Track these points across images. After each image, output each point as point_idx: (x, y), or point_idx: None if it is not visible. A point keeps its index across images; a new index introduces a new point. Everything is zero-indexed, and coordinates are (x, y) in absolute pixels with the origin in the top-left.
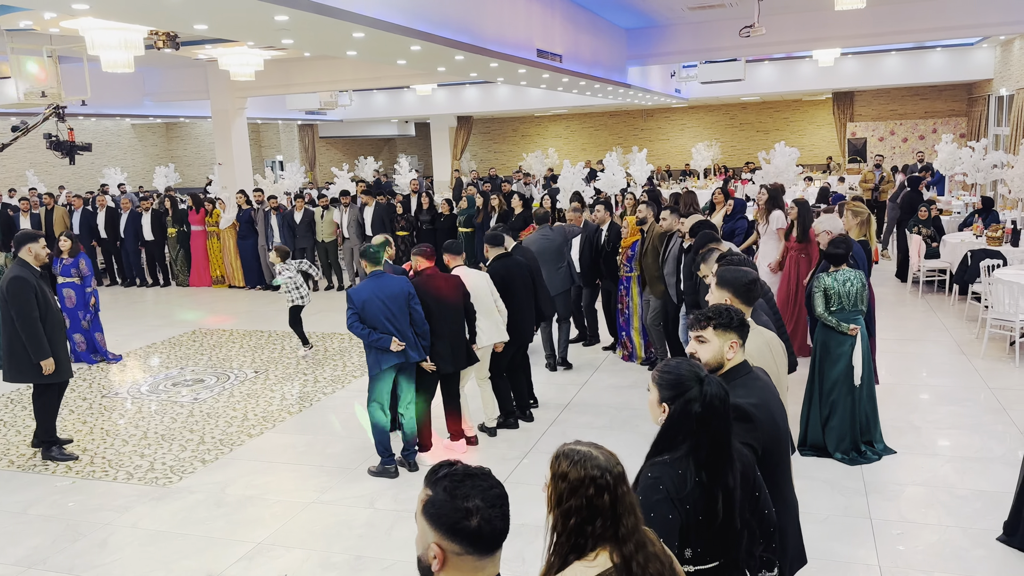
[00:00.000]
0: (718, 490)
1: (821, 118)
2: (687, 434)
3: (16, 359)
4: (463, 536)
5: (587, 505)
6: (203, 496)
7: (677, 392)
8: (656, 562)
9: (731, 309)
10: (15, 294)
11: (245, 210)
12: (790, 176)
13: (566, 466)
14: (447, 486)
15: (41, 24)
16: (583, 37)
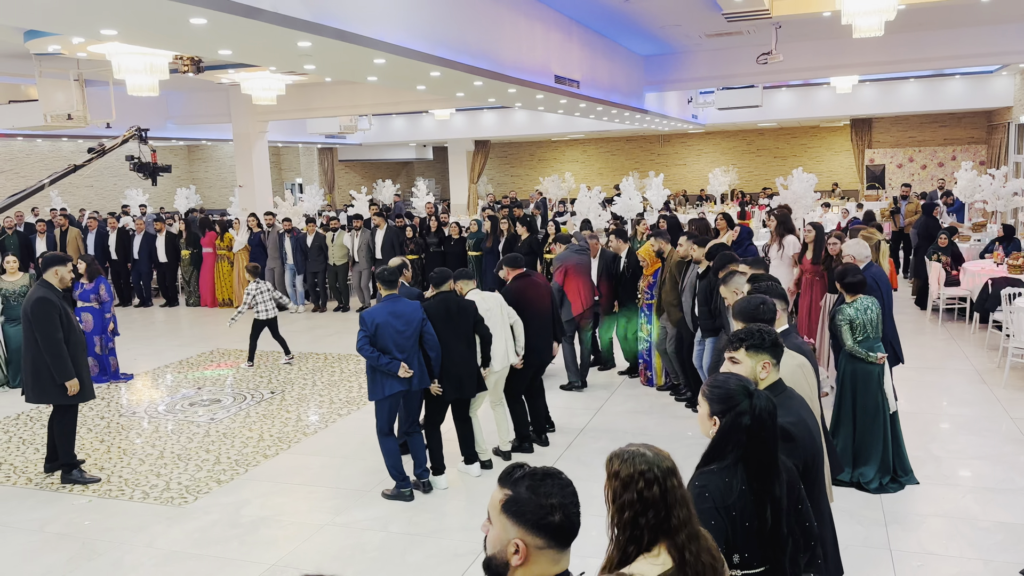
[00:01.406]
0: (767, 498)
1: (839, 144)
2: (737, 445)
3: (40, 380)
4: (547, 531)
5: (639, 499)
6: (218, 516)
7: (728, 406)
8: (707, 554)
9: (763, 329)
10: (39, 315)
11: (256, 233)
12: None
13: (618, 464)
14: (529, 485)
15: (69, 48)
16: (600, 63)
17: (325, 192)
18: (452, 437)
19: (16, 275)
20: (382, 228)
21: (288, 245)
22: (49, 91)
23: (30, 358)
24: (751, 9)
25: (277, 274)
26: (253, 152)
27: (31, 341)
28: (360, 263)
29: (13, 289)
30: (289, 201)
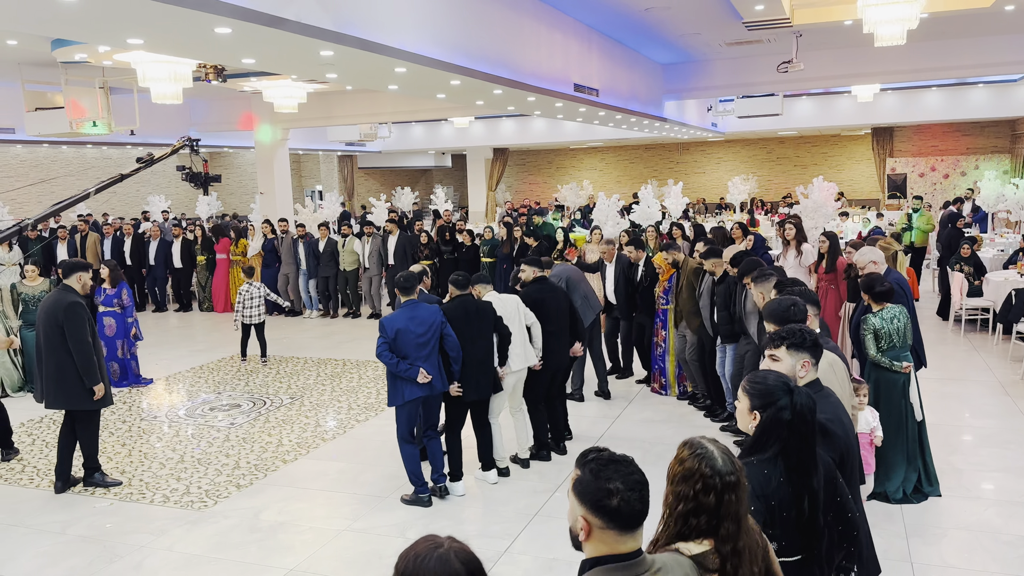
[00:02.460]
0: (804, 490)
1: (860, 153)
2: (777, 439)
3: (65, 385)
4: (604, 512)
5: (693, 496)
6: (237, 521)
7: (768, 401)
8: (745, 568)
9: (804, 329)
10: (74, 319)
11: (270, 239)
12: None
13: (686, 453)
14: (593, 468)
15: (95, 57)
16: (620, 71)
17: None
18: (469, 444)
19: (37, 280)
20: (394, 234)
21: (302, 251)
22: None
23: (54, 363)
24: (772, 17)
25: (292, 279)
26: (274, 159)
27: (55, 345)
28: (371, 269)
29: (34, 294)
30: (309, 208)
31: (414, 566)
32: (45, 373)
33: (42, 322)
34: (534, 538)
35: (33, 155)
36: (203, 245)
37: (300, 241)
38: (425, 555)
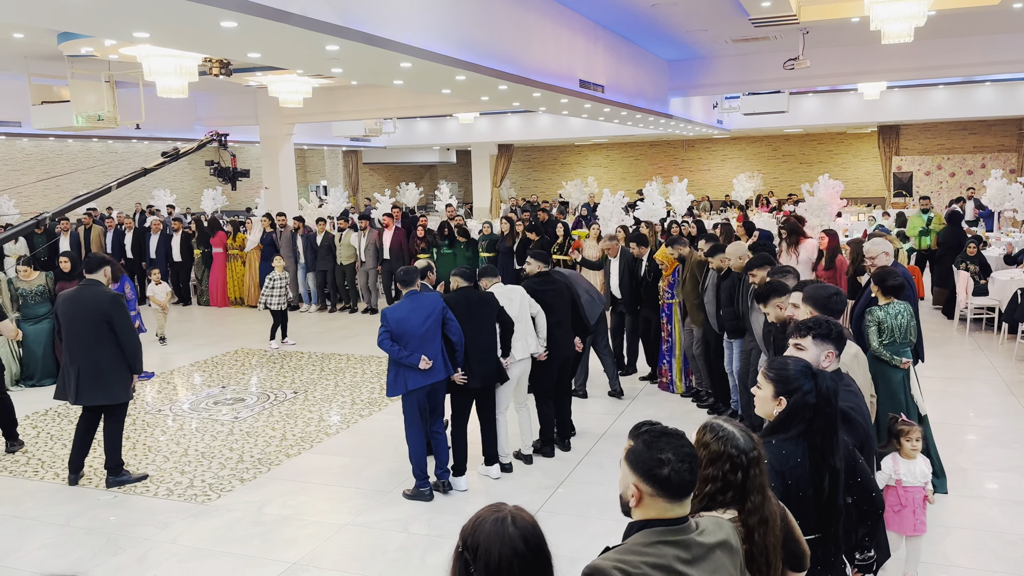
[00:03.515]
0: (825, 468)
1: (866, 151)
2: (802, 420)
3: (103, 379)
4: (656, 481)
5: (722, 477)
6: (240, 514)
7: (793, 386)
8: (772, 536)
9: (831, 321)
10: (123, 311)
11: (268, 233)
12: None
13: (709, 438)
14: (646, 439)
15: (101, 51)
16: (625, 68)
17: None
18: (473, 439)
19: (32, 275)
20: (390, 228)
21: (300, 244)
22: (81, 92)
23: (93, 357)
24: (778, 14)
25: (290, 274)
26: (279, 154)
27: (99, 340)
28: (367, 263)
29: (30, 289)
30: (314, 203)
31: (473, 528)
32: (80, 368)
33: (78, 317)
34: None
35: (39, 149)
36: (199, 239)
37: (298, 235)
38: (484, 518)
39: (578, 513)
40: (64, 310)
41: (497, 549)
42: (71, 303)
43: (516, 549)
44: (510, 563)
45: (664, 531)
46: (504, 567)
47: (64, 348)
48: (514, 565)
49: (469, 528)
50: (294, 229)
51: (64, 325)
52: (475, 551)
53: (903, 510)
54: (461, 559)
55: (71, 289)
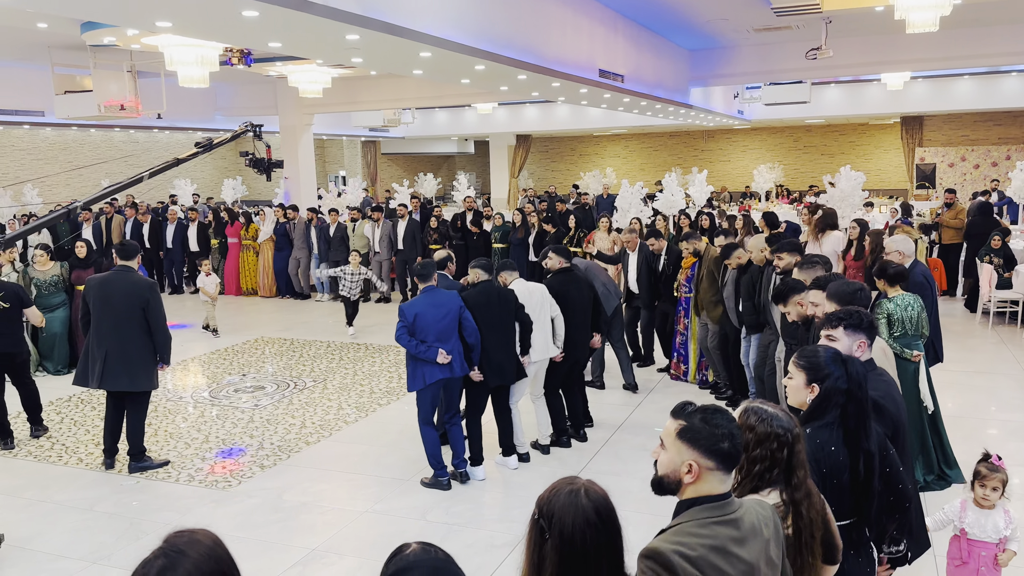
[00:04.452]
0: (860, 452)
1: (888, 142)
2: (835, 406)
3: (133, 365)
4: (717, 455)
5: (770, 456)
6: (260, 501)
7: (825, 373)
8: (814, 510)
9: (862, 312)
10: (158, 298)
11: (282, 223)
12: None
13: (754, 420)
14: (702, 417)
15: (124, 40)
16: (646, 57)
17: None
18: (490, 429)
19: (47, 265)
20: (404, 219)
21: (313, 235)
22: (103, 82)
23: (123, 343)
24: (801, 3)
25: (303, 263)
26: (299, 144)
27: (131, 326)
28: (381, 253)
29: (44, 279)
30: (333, 193)
31: (549, 498)
32: (108, 352)
33: (111, 301)
34: None
35: (62, 138)
36: (216, 229)
37: (311, 225)
38: (559, 490)
39: None
40: (96, 294)
41: (571, 519)
42: (103, 287)
43: (589, 519)
44: (583, 532)
45: (714, 508)
46: (577, 536)
47: (92, 332)
48: (587, 534)
49: (545, 498)
50: (308, 220)
51: (94, 309)
52: (550, 519)
53: (964, 567)
54: (537, 526)
55: (102, 274)
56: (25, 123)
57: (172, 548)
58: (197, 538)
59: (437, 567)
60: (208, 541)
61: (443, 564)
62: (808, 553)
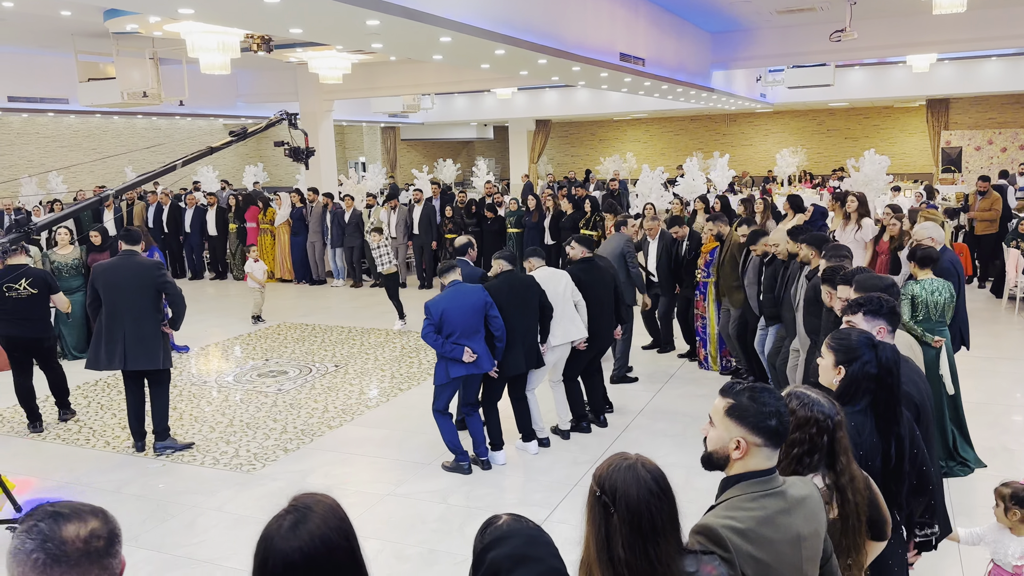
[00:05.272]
0: (891, 437)
1: (913, 126)
2: (866, 392)
3: (151, 345)
4: (765, 432)
5: (808, 440)
6: (284, 484)
7: (853, 356)
8: (860, 495)
9: (883, 297)
10: (166, 274)
11: (298, 208)
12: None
13: (796, 405)
14: (750, 395)
15: (146, 27)
16: (667, 41)
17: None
18: (508, 414)
19: (68, 248)
20: (420, 204)
21: (328, 220)
22: (126, 69)
23: (135, 324)
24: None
25: (318, 249)
26: (319, 130)
27: (145, 308)
28: (397, 239)
29: (65, 262)
30: (353, 179)
31: (608, 474)
32: (126, 334)
33: (123, 285)
34: (574, 508)
35: (86, 125)
36: (236, 214)
37: (327, 211)
38: (616, 465)
39: None
40: (105, 280)
41: (635, 491)
42: (113, 273)
43: (651, 490)
44: (647, 503)
45: (761, 482)
46: (643, 506)
47: (103, 316)
48: (651, 504)
49: (604, 474)
50: (323, 205)
51: (105, 294)
52: (613, 494)
53: None
54: (600, 502)
55: (108, 260)
56: (49, 110)
57: (301, 505)
58: (319, 498)
59: (532, 536)
60: (330, 501)
61: (536, 533)
62: (855, 535)
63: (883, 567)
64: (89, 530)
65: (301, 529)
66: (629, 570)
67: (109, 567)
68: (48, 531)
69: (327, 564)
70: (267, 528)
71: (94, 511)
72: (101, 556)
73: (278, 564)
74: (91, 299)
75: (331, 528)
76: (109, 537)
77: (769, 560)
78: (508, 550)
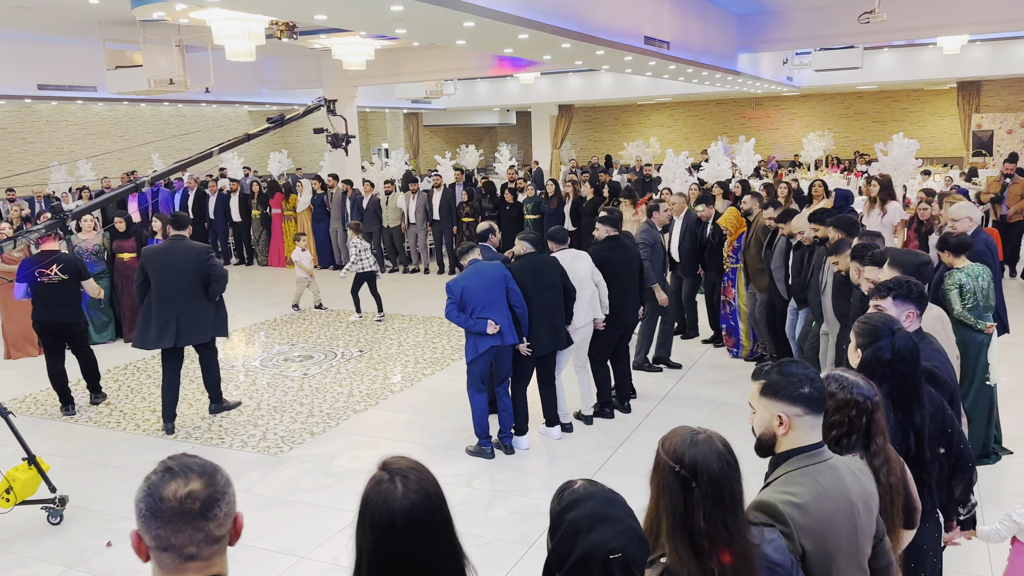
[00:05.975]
0: (909, 427)
1: (944, 109)
2: (881, 377)
3: (204, 320)
4: (801, 400)
5: (848, 422)
6: (311, 466)
7: (871, 339)
8: (893, 475)
9: (911, 281)
10: (213, 258)
11: (319, 195)
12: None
13: (835, 388)
14: (778, 370)
15: (172, 15)
16: (692, 23)
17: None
18: (533, 399)
19: (91, 234)
20: (439, 190)
21: (348, 206)
22: (153, 57)
23: (187, 303)
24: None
25: (340, 235)
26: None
27: (194, 288)
28: (416, 225)
29: (87, 248)
30: (377, 165)
31: (684, 448)
32: (179, 315)
33: (174, 267)
34: None
35: (113, 112)
36: (259, 200)
37: (347, 197)
38: (691, 439)
39: (639, 473)
40: (156, 263)
41: (716, 464)
42: (162, 257)
43: (730, 463)
44: (727, 474)
45: (810, 456)
46: (723, 478)
47: (153, 298)
48: (729, 476)
49: (680, 449)
50: (344, 192)
51: (155, 277)
52: (694, 468)
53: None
54: (678, 478)
55: (158, 245)
56: (78, 98)
57: (398, 469)
58: (408, 463)
59: (609, 497)
60: (413, 462)
61: (612, 494)
62: (889, 518)
63: (919, 552)
64: (188, 491)
65: (413, 487)
66: (709, 541)
67: (203, 529)
68: (155, 484)
69: (441, 518)
70: (378, 493)
71: (203, 471)
72: (194, 518)
73: (407, 523)
74: (140, 281)
75: (432, 483)
76: (207, 500)
77: (826, 532)
78: (587, 510)
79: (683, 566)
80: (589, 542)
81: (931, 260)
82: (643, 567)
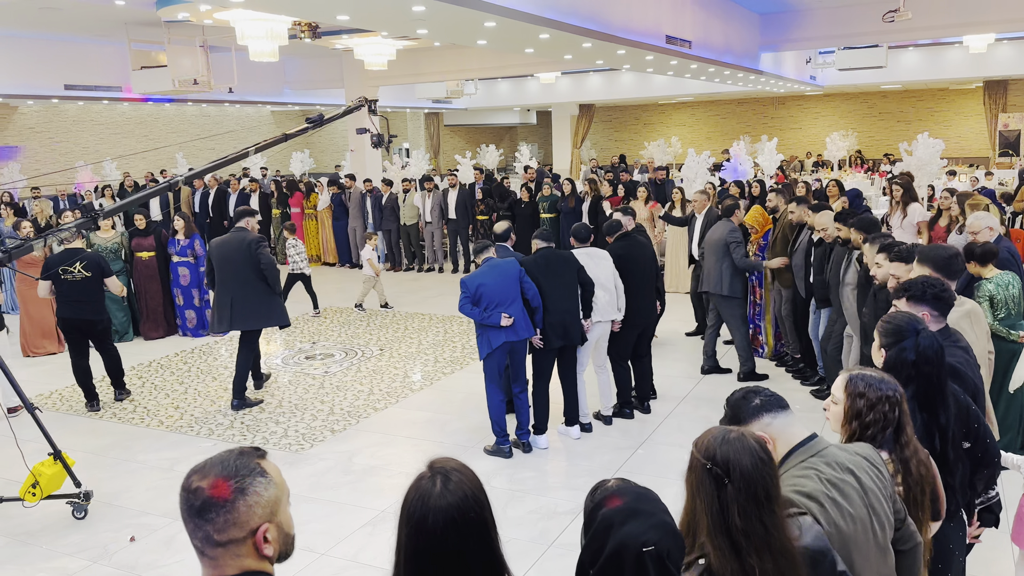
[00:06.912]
0: (934, 427)
1: (969, 108)
2: (907, 378)
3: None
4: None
5: (883, 419)
6: (332, 463)
7: (894, 340)
8: (922, 466)
9: (927, 281)
10: (263, 247)
11: (336, 194)
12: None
13: (863, 388)
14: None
15: (197, 16)
16: (714, 22)
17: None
18: (555, 399)
19: (109, 232)
20: (455, 188)
21: (368, 204)
22: (177, 57)
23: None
24: None
25: (359, 233)
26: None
27: (249, 277)
28: (432, 223)
29: (105, 245)
30: (398, 164)
31: (716, 446)
32: (235, 301)
33: (231, 256)
34: None
35: (138, 112)
36: (279, 199)
37: (367, 196)
38: (723, 438)
39: (658, 474)
40: (217, 253)
41: (748, 461)
42: (222, 247)
43: (763, 459)
44: (760, 471)
45: (807, 449)
46: (756, 474)
47: (217, 285)
48: (763, 472)
49: (712, 447)
50: (364, 191)
51: (217, 266)
52: (726, 466)
53: None
54: (711, 475)
55: (221, 236)
56: (104, 98)
57: (441, 469)
58: (454, 464)
59: (642, 493)
60: (461, 464)
61: (645, 491)
62: (918, 509)
63: (945, 553)
64: (196, 486)
65: (452, 487)
66: (746, 538)
67: (201, 528)
68: (190, 470)
69: (477, 519)
70: (417, 489)
71: (226, 473)
72: (193, 515)
73: (438, 521)
74: (208, 270)
75: (475, 486)
76: (207, 502)
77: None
78: (620, 505)
79: (726, 564)
80: (622, 536)
81: (959, 252)
82: (677, 561)
